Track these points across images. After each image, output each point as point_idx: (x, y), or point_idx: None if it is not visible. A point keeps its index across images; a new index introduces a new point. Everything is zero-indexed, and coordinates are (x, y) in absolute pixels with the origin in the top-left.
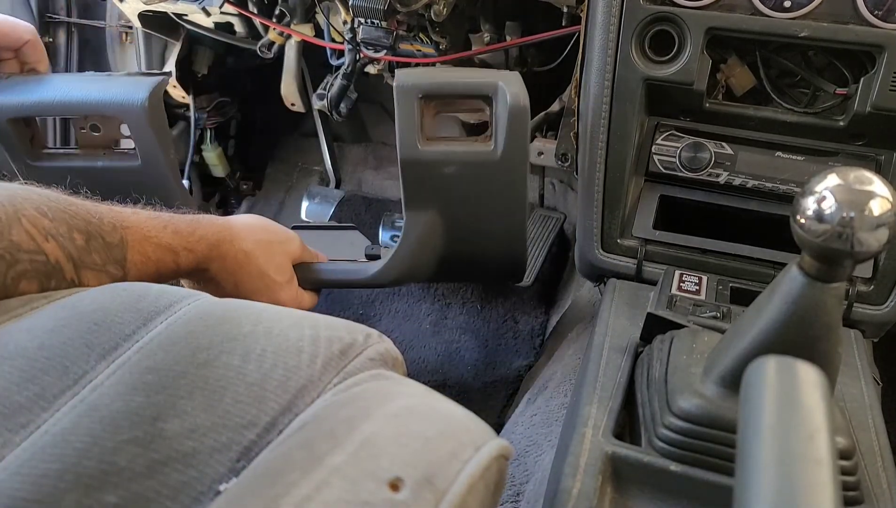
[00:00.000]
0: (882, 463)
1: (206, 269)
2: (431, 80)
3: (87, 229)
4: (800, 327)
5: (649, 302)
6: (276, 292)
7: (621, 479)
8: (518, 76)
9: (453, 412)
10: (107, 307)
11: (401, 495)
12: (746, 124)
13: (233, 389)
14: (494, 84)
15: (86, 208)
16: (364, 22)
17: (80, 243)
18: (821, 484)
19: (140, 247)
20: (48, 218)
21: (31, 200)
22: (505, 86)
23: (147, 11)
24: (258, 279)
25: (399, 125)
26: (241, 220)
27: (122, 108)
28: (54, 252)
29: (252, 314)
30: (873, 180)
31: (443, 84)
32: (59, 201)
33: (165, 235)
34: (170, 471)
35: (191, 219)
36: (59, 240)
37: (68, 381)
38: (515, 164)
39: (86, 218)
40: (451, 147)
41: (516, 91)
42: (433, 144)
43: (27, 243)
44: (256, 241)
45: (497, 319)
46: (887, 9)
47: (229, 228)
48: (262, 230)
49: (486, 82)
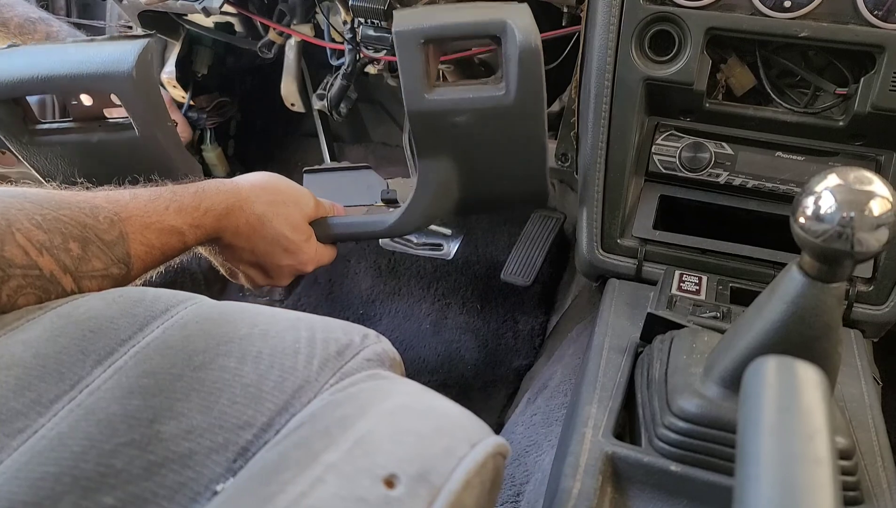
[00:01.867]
0: (882, 463)
1: (219, 238)
2: (433, 22)
3: (82, 235)
4: (800, 327)
5: (649, 302)
6: (294, 252)
7: (621, 479)
8: (527, 8)
9: (449, 409)
10: (102, 314)
11: (396, 491)
12: (746, 124)
13: (229, 390)
14: (502, 22)
15: (80, 209)
16: (364, 22)
17: (76, 253)
18: (821, 484)
19: (142, 237)
20: (43, 230)
21: (25, 210)
22: (514, 24)
23: (147, 11)
24: (275, 242)
25: (402, 74)
26: (250, 181)
27: (109, 80)
28: (49, 265)
29: (248, 317)
30: (873, 180)
31: (446, 26)
32: (52, 206)
33: (168, 216)
34: (167, 472)
35: (195, 190)
36: (53, 253)
37: (64, 387)
38: (530, 107)
39: (81, 222)
40: (459, 94)
41: (527, 29)
42: (440, 91)
43: (21, 259)
44: (268, 203)
45: (497, 319)
46: (887, 9)
47: (237, 192)
48: (273, 191)
49: (493, 21)
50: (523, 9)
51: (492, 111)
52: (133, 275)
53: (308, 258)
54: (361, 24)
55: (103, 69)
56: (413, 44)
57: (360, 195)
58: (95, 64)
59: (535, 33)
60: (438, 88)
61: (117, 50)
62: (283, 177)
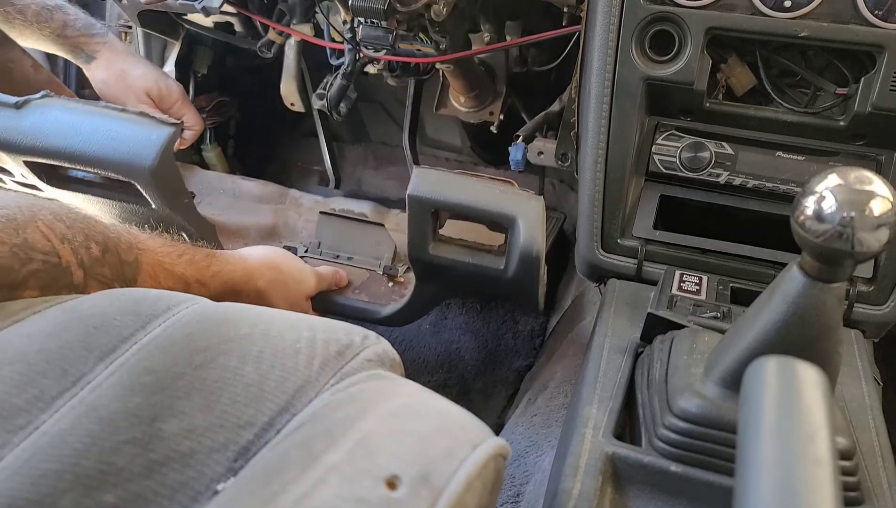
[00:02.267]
0: (882, 463)
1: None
2: (448, 196)
3: (104, 241)
4: (800, 327)
5: (649, 302)
6: None
7: (621, 479)
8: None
9: (450, 410)
10: (105, 311)
11: (397, 492)
12: (747, 124)
13: (230, 390)
14: (512, 218)
15: (104, 224)
16: (364, 22)
17: (95, 253)
18: (821, 484)
19: (152, 271)
20: (65, 224)
21: (49, 208)
22: (522, 224)
23: (147, 11)
24: None
25: (410, 228)
26: (258, 256)
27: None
28: (67, 256)
29: (249, 317)
30: (874, 180)
31: (459, 205)
32: (78, 214)
33: (180, 264)
34: (168, 471)
35: (208, 253)
36: (73, 245)
37: (67, 383)
38: (526, 284)
39: (104, 232)
40: (461, 255)
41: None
42: (443, 249)
43: (42, 244)
44: (271, 280)
45: (497, 319)
46: (887, 9)
47: (245, 265)
48: (276, 269)
49: (505, 214)
50: (535, 206)
51: (490, 274)
52: None
53: None
54: (361, 23)
55: (127, 159)
56: (424, 209)
57: (368, 250)
58: (120, 153)
59: (539, 236)
60: (442, 245)
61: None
62: (291, 255)
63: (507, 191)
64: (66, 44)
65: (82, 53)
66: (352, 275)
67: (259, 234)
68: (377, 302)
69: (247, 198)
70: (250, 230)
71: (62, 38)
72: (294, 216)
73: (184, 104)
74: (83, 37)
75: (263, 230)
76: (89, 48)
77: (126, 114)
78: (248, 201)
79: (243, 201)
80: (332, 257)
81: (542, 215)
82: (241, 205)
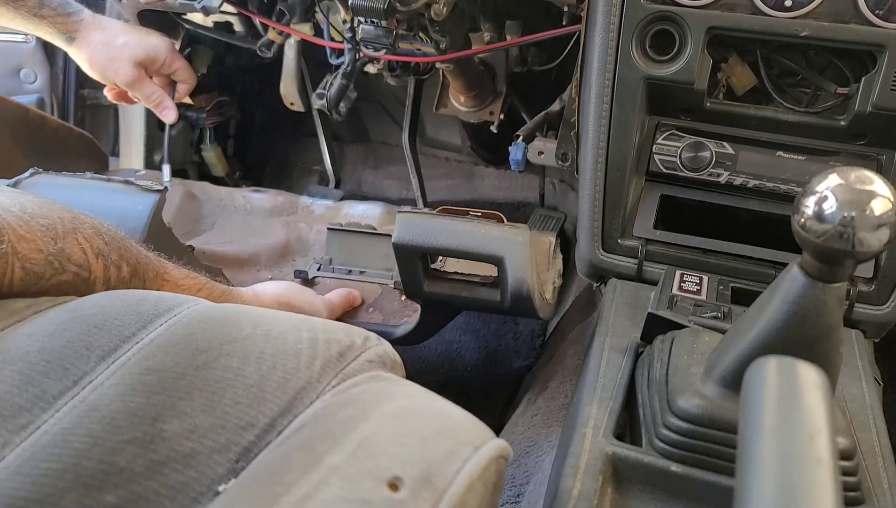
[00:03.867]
0: (883, 464)
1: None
2: (432, 241)
3: (135, 265)
4: (801, 327)
5: (650, 302)
6: None
7: (622, 480)
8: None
9: (452, 412)
10: (107, 311)
11: (399, 494)
12: (747, 124)
13: (232, 390)
14: (500, 258)
15: (139, 249)
16: (364, 21)
17: (124, 274)
18: (821, 485)
19: None
20: (103, 240)
21: (91, 224)
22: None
23: (146, 10)
24: None
25: (401, 272)
26: (271, 293)
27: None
28: (97, 271)
29: (251, 318)
30: (874, 180)
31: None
32: (118, 233)
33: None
34: (169, 472)
35: (224, 290)
36: (107, 262)
37: (68, 382)
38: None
39: (137, 256)
40: (456, 290)
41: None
42: (438, 285)
43: (78, 256)
44: None
45: (497, 319)
46: (888, 8)
47: (258, 302)
48: (288, 306)
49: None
50: (520, 243)
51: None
52: None
53: None
54: (361, 22)
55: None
56: (411, 254)
57: (378, 262)
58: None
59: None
60: (437, 282)
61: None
62: (302, 288)
63: (491, 230)
64: (43, 24)
65: (61, 34)
66: (364, 292)
67: (271, 257)
68: (391, 321)
69: (258, 213)
70: (262, 256)
71: (38, 18)
72: (306, 229)
73: (173, 59)
74: (60, 16)
75: (276, 251)
76: (66, 27)
77: (112, 184)
78: (259, 216)
79: (255, 217)
80: (345, 272)
81: (527, 250)
82: (253, 225)
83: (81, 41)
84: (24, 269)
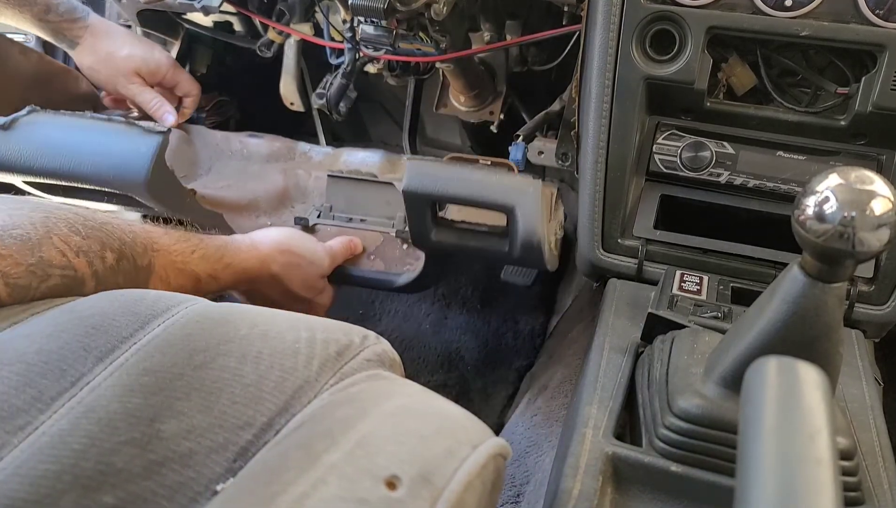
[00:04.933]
0: (883, 464)
1: (235, 289)
2: (443, 188)
3: (120, 248)
4: (801, 327)
5: (650, 302)
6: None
7: (622, 480)
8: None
9: (450, 410)
10: (105, 311)
11: (397, 493)
12: (747, 124)
13: (229, 390)
14: (511, 207)
15: (121, 229)
16: (363, 21)
17: (110, 261)
18: (822, 485)
19: (163, 273)
20: (81, 235)
21: (65, 219)
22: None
23: (146, 10)
24: (287, 298)
25: (409, 220)
26: (271, 240)
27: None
28: (82, 268)
29: (249, 317)
30: (874, 180)
31: (454, 197)
32: (96, 220)
33: (192, 260)
34: (167, 472)
35: (220, 244)
36: (89, 256)
37: (66, 384)
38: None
39: (120, 238)
40: (464, 239)
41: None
42: (446, 233)
43: (58, 260)
44: (284, 264)
45: (497, 319)
46: (888, 8)
47: (257, 253)
48: (289, 253)
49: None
50: (532, 193)
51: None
52: None
53: (319, 307)
54: (361, 22)
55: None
56: (421, 202)
57: (379, 210)
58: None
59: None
60: (443, 230)
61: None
62: (302, 234)
63: (502, 179)
64: (48, 28)
65: (65, 39)
66: (366, 240)
67: (270, 203)
68: (392, 269)
69: (255, 158)
70: (261, 202)
71: (44, 22)
72: (304, 176)
73: (175, 73)
74: (65, 21)
75: (274, 197)
76: (72, 34)
77: (113, 124)
78: (257, 162)
79: (252, 162)
80: (345, 219)
81: (539, 200)
82: (250, 170)
83: (85, 48)
84: (9, 285)
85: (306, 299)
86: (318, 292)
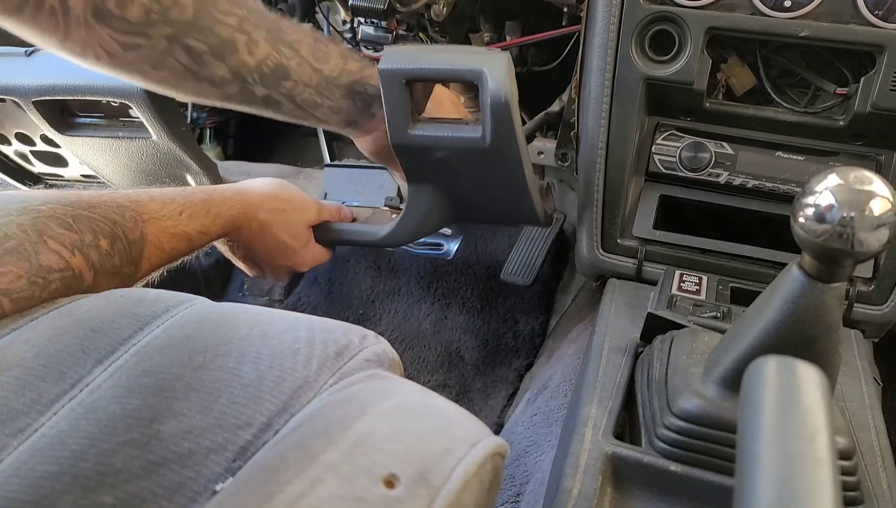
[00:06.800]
0: (882, 464)
1: (224, 239)
2: (416, 64)
3: (112, 231)
4: (800, 327)
5: (649, 302)
6: (291, 256)
7: (621, 479)
8: (505, 58)
9: (448, 409)
10: (104, 313)
11: (395, 491)
12: (747, 124)
13: (228, 390)
14: (479, 71)
15: (109, 207)
16: (364, 21)
17: (104, 248)
18: (821, 484)
19: (156, 240)
20: (74, 230)
21: (56, 215)
22: (489, 74)
23: None
24: (274, 247)
25: (387, 109)
26: (257, 189)
27: (124, 91)
28: (79, 264)
29: (248, 318)
30: (873, 180)
31: (427, 70)
32: (84, 205)
33: (181, 222)
34: (166, 472)
35: (205, 197)
36: (84, 251)
37: (65, 385)
38: (506, 149)
39: (111, 219)
40: (440, 130)
41: (500, 80)
42: (422, 127)
43: (56, 263)
44: (271, 210)
45: (497, 319)
46: (888, 8)
47: (245, 200)
48: (276, 199)
49: (471, 69)
50: (501, 58)
51: (471, 150)
52: (139, 276)
53: (303, 261)
54: (361, 23)
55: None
56: (396, 82)
57: (372, 194)
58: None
59: (507, 85)
60: (421, 124)
61: None
62: (290, 184)
63: (474, 50)
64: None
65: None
66: (356, 212)
67: None
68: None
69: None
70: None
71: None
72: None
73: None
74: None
75: None
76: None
77: None
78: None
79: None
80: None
81: (508, 65)
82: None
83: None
84: (13, 300)
85: (292, 247)
86: (305, 243)
